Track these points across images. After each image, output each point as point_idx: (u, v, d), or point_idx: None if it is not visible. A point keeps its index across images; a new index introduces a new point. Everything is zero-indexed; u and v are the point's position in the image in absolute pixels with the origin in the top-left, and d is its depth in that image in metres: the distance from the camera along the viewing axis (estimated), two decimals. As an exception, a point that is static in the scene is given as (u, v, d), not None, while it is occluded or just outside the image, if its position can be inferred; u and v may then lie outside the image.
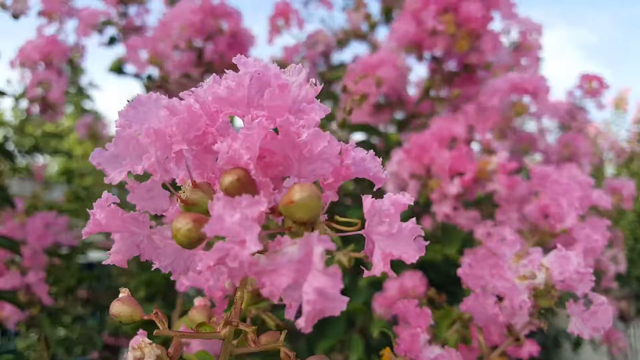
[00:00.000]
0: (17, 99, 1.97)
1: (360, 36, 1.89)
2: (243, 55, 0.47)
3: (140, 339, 0.45)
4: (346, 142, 0.50)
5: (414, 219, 0.43)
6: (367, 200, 0.45)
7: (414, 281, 1.19)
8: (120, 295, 0.51)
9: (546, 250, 0.83)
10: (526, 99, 1.27)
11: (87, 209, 0.44)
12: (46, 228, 1.65)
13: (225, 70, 0.46)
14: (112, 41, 2.04)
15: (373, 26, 1.88)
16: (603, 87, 2.31)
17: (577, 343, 2.62)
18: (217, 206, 0.38)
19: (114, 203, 0.45)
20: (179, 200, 0.46)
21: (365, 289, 1.43)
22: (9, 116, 2.40)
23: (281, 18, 1.84)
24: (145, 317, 0.50)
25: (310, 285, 0.37)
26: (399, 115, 1.54)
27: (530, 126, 2.75)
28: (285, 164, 0.45)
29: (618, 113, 4.07)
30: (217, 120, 0.45)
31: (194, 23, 1.51)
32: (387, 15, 1.87)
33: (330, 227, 0.45)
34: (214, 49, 1.56)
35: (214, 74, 0.48)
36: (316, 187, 0.42)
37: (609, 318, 0.77)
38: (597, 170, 3.27)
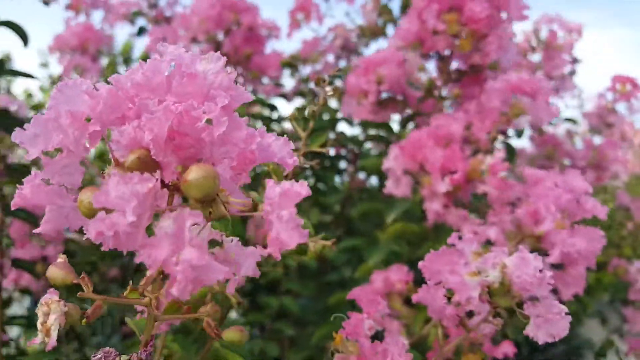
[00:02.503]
0: (54, 82, 2.09)
1: (377, 32, 1.89)
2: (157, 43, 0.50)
3: (50, 296, 0.50)
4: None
5: (294, 209, 0.46)
6: (268, 184, 0.48)
7: (400, 275, 1.20)
8: (58, 260, 0.56)
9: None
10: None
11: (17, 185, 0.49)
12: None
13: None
14: (140, 32, 2.12)
15: (393, 22, 1.88)
16: (637, 89, 2.21)
17: (600, 354, 2.54)
18: (111, 181, 0.42)
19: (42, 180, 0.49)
20: (102, 177, 0.50)
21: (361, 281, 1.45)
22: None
23: (301, 12, 1.87)
24: (75, 281, 0.55)
25: (182, 257, 0.40)
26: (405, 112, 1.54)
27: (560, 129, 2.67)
28: (198, 146, 0.49)
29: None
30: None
31: (212, 16, 1.57)
32: (405, 11, 1.87)
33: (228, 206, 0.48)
34: (229, 42, 1.61)
35: (140, 61, 0.52)
36: (213, 168, 0.46)
37: (566, 326, 0.77)
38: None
